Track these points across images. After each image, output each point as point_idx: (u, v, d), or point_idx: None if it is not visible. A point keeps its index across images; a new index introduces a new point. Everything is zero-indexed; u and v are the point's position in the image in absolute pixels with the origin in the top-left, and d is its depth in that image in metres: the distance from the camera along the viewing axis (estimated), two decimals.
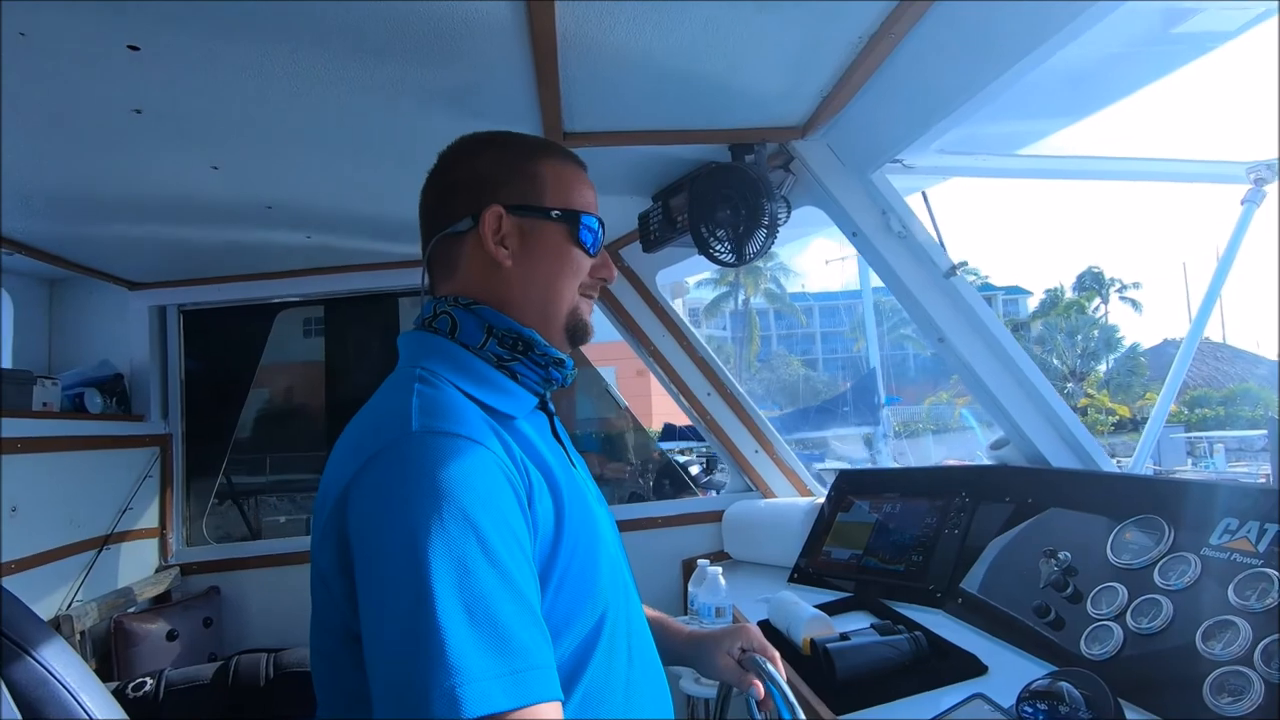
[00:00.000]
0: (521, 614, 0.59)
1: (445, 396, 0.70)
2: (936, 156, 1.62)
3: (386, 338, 2.60)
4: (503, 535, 0.61)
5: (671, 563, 2.30)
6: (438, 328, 0.79)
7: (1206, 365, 29.40)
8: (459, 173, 0.82)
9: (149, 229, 1.85)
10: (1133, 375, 27.68)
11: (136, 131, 1.28)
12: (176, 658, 2.03)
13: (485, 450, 0.65)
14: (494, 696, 0.53)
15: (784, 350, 41.08)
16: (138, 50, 1.01)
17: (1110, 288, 35.06)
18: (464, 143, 0.85)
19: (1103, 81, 1.47)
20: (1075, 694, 0.92)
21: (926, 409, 28.99)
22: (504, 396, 0.76)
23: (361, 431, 0.70)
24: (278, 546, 2.40)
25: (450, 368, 0.75)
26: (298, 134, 1.37)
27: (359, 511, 0.62)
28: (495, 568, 0.59)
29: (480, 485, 0.62)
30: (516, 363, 0.78)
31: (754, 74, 1.27)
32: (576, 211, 0.82)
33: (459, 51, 1.10)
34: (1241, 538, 1.05)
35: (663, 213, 1.74)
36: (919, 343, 36.89)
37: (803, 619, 1.36)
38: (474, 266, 0.80)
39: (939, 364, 32.91)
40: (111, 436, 2.15)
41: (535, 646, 0.58)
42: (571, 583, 0.70)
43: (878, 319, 36.83)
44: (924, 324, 1.59)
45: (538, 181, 0.81)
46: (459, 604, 0.55)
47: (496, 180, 0.80)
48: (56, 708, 0.85)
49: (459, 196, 0.81)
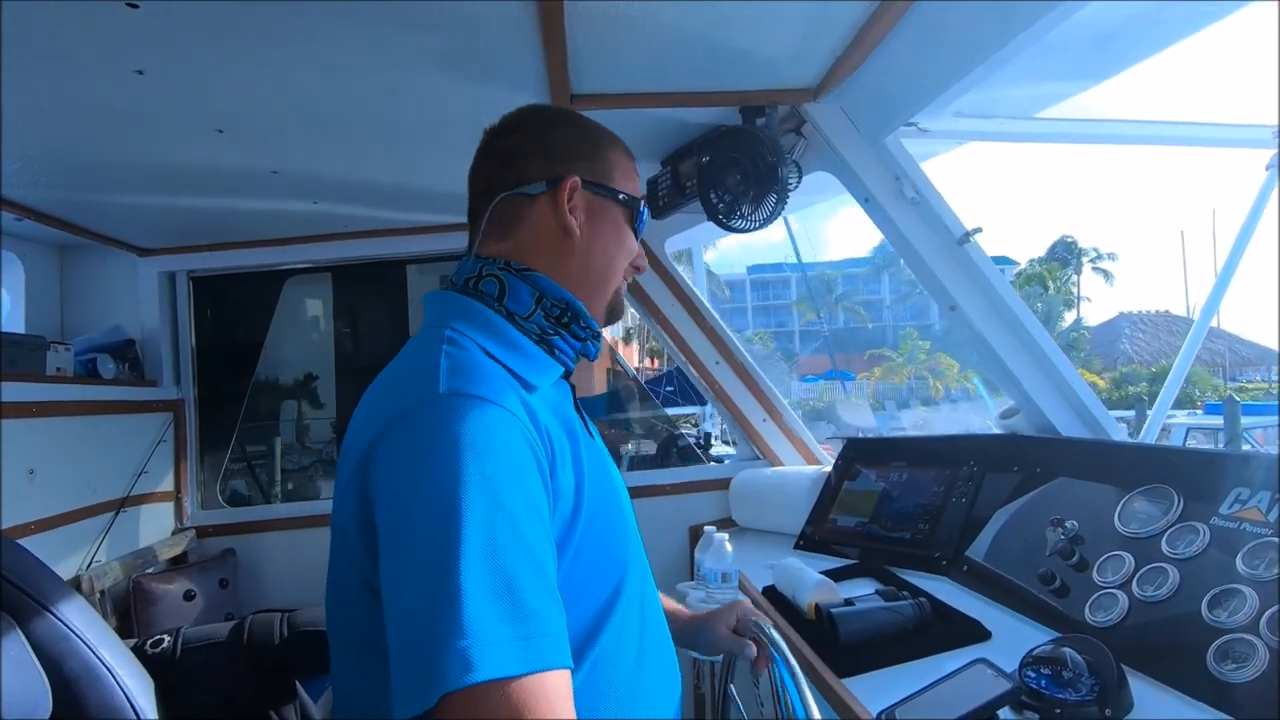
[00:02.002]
0: (537, 580, 0.59)
1: (473, 359, 0.70)
2: (953, 120, 1.58)
3: (394, 304, 2.61)
4: (523, 501, 0.62)
5: (679, 529, 2.32)
6: (484, 290, 0.78)
7: (1160, 339, 28.82)
8: (535, 140, 0.83)
9: (156, 193, 1.85)
10: (1071, 350, 27.37)
11: (140, 93, 1.27)
12: (194, 617, 2.08)
13: (511, 416, 0.65)
14: (505, 661, 0.54)
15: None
16: (136, 8, 1.00)
17: (1084, 257, 34.56)
18: (538, 111, 0.87)
19: (1126, 40, 1.42)
20: (1078, 659, 0.93)
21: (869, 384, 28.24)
22: (530, 363, 0.76)
23: (388, 390, 0.71)
24: (291, 510, 2.45)
25: (479, 330, 0.75)
26: (300, 98, 1.35)
27: (383, 470, 0.63)
28: (515, 533, 0.59)
29: (504, 451, 0.62)
30: (557, 336, 0.79)
31: (765, 34, 1.24)
32: (637, 199, 0.87)
33: (462, 12, 1.08)
34: (1253, 507, 1.05)
35: (671, 178, 1.72)
36: (863, 315, 36.63)
37: (808, 585, 1.38)
38: (539, 230, 0.81)
39: (881, 337, 32.70)
40: (125, 401, 2.17)
41: (548, 613, 0.59)
42: (589, 551, 0.71)
43: (823, 290, 36.46)
44: (936, 291, 1.57)
45: (608, 164, 0.85)
46: (477, 567, 0.56)
47: (577, 154, 0.83)
48: (77, 662, 0.87)
49: (535, 160, 0.82)
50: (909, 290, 37.06)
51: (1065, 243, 35.10)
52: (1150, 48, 1.46)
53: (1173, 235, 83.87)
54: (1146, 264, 78.51)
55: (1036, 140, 1.73)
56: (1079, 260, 34.66)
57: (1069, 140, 1.71)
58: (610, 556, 0.75)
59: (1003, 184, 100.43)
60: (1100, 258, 34.61)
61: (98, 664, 0.89)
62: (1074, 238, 36.03)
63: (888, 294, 40.22)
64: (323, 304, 2.73)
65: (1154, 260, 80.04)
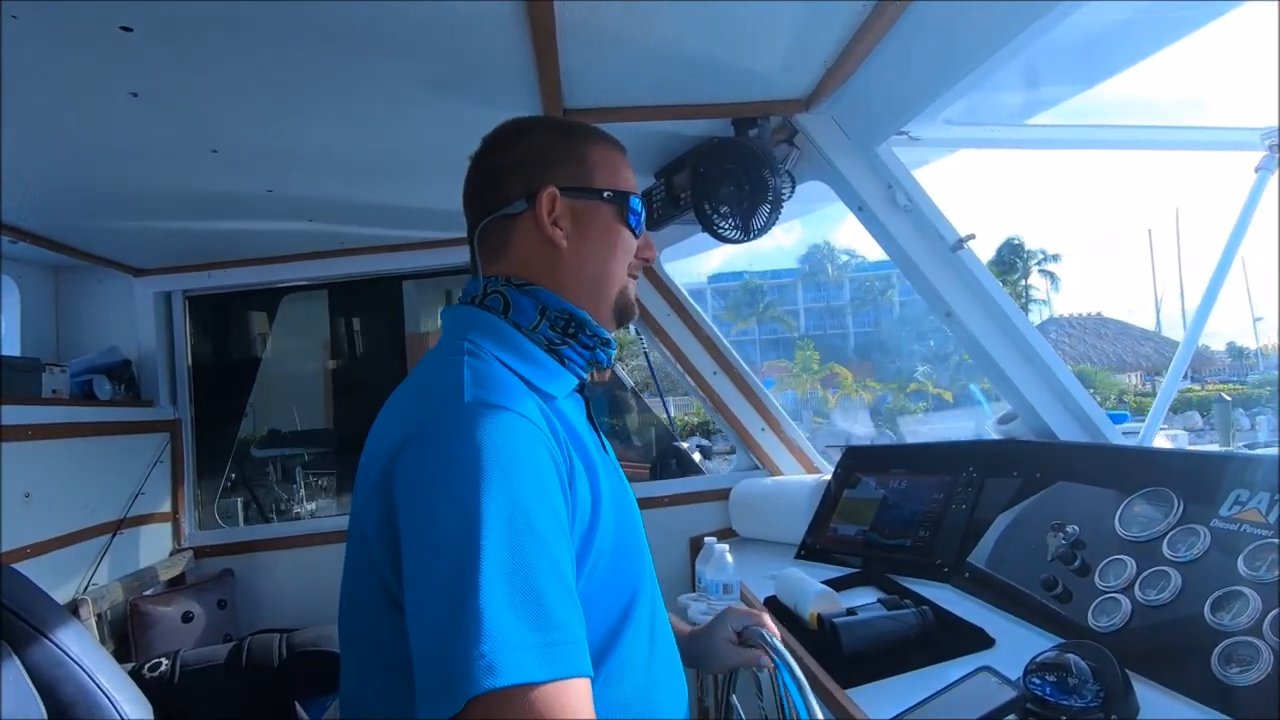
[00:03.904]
0: (559, 588, 0.59)
1: (493, 370, 0.71)
2: (944, 128, 1.60)
3: (391, 320, 2.61)
4: (546, 510, 0.62)
5: (679, 540, 2.31)
6: (489, 306, 0.79)
7: (1086, 343, 28.56)
8: (510, 155, 0.83)
9: (151, 215, 1.85)
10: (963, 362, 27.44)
11: (134, 115, 1.27)
12: (193, 639, 2.06)
13: (533, 426, 0.66)
14: (529, 667, 0.54)
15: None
16: (130, 31, 1.00)
17: (1030, 260, 34.38)
18: (511, 126, 0.86)
19: (1115, 47, 1.44)
20: (1082, 666, 0.92)
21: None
22: (548, 375, 0.77)
23: (411, 399, 0.72)
24: (289, 529, 2.43)
25: (496, 343, 0.76)
26: (293, 118, 1.36)
27: (407, 477, 0.63)
28: (538, 541, 0.59)
29: (527, 460, 0.63)
30: (566, 346, 0.80)
31: (756, 46, 1.25)
32: (625, 193, 0.84)
33: (455, 28, 1.08)
34: (1252, 509, 1.04)
35: (665, 190, 1.72)
36: (790, 323, 36.58)
37: (810, 595, 1.37)
38: (527, 247, 0.81)
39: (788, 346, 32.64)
40: (122, 422, 2.17)
41: (570, 621, 0.59)
42: (604, 565, 0.71)
43: (747, 299, 36.44)
44: (931, 299, 1.58)
45: (588, 164, 0.83)
46: (501, 574, 0.56)
47: (549, 162, 0.81)
48: (73, 687, 0.87)
49: (512, 178, 0.81)
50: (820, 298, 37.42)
51: (1012, 244, 34.89)
52: (1138, 53, 1.47)
53: (1138, 235, 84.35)
54: (1109, 265, 79.00)
55: (1027, 147, 1.74)
56: (1025, 264, 34.45)
57: (1059, 146, 1.72)
58: (624, 571, 0.75)
59: (972, 190, 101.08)
60: (1046, 260, 34.47)
61: (94, 689, 0.88)
62: (1021, 239, 35.93)
63: (802, 304, 40.61)
64: (320, 321, 2.73)
65: (1115, 262, 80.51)
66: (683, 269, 24.17)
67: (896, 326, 33.86)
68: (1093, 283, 78.06)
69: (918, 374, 26.72)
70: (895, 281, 36.42)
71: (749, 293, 37.18)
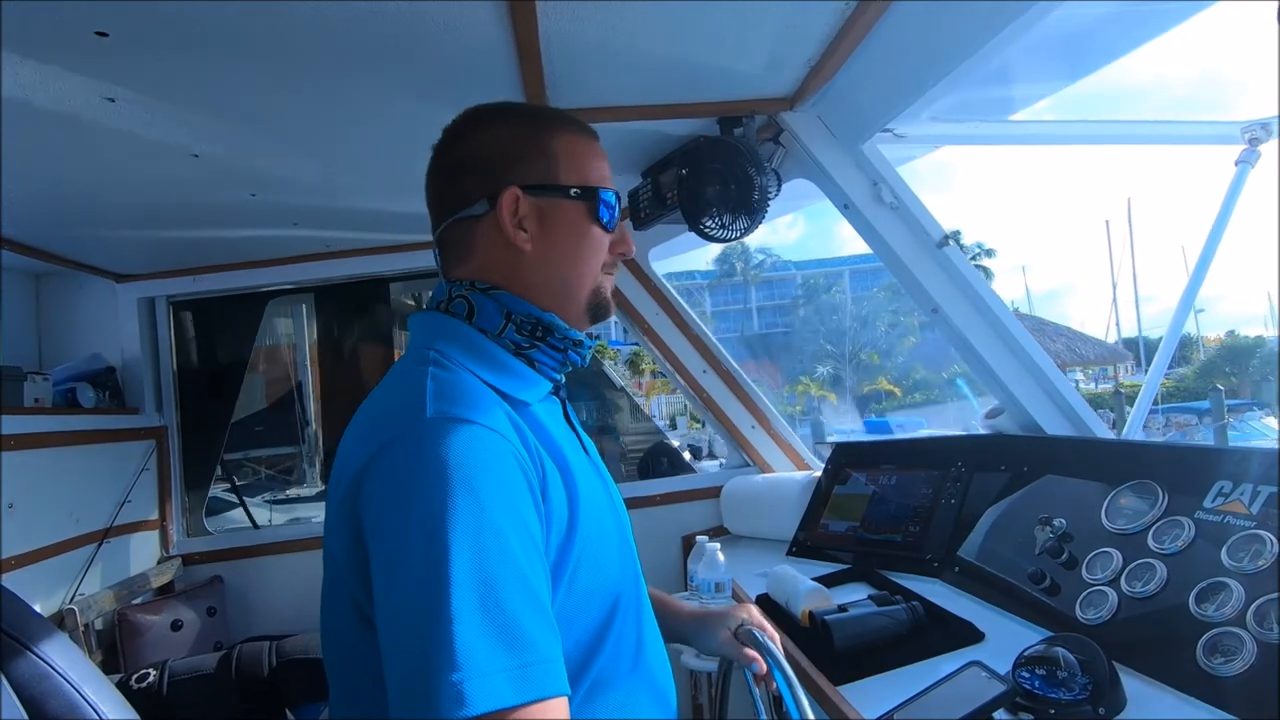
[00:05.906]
0: (531, 607, 0.58)
1: (459, 380, 0.68)
2: (929, 124, 1.60)
3: (377, 323, 2.59)
4: (515, 526, 0.61)
5: (671, 539, 2.31)
6: (454, 311, 0.76)
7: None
8: (469, 150, 0.78)
9: (133, 220, 1.83)
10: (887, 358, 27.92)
11: (113, 120, 1.26)
12: (183, 648, 2.04)
13: (499, 438, 0.64)
14: (501, 691, 0.53)
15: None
16: (106, 36, 0.99)
17: (968, 255, 34.72)
18: (471, 117, 0.81)
19: (1097, 42, 1.45)
20: (1070, 659, 0.93)
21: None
22: (518, 381, 0.74)
23: (375, 415, 0.69)
24: (278, 534, 2.41)
25: (463, 350, 0.73)
26: (275, 122, 1.35)
27: (372, 499, 0.62)
28: (507, 560, 0.58)
29: (493, 474, 0.61)
30: (534, 350, 0.77)
31: (740, 45, 1.25)
32: (594, 188, 0.79)
33: (437, 31, 1.07)
34: (1235, 500, 1.06)
35: (652, 189, 1.72)
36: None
37: (801, 592, 1.37)
38: (491, 250, 0.77)
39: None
40: (106, 430, 2.14)
41: (544, 640, 0.58)
42: (585, 572, 0.69)
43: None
44: (918, 295, 1.58)
45: (552, 157, 0.78)
46: (471, 596, 0.55)
47: (510, 158, 0.77)
48: (59, 702, 0.85)
49: (471, 177, 0.77)
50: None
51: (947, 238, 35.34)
52: (1120, 49, 1.49)
53: (1094, 227, 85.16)
54: (1062, 256, 79.94)
55: (1011, 143, 1.75)
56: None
57: (1042, 142, 1.73)
58: (606, 576, 0.73)
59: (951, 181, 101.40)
60: (979, 254, 34.50)
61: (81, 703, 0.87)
62: (959, 232, 36.06)
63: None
64: (306, 324, 2.71)
65: (1068, 253, 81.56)
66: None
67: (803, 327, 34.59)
68: (1056, 276, 78.81)
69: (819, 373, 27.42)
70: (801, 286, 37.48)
71: (686, 295, 37.37)
